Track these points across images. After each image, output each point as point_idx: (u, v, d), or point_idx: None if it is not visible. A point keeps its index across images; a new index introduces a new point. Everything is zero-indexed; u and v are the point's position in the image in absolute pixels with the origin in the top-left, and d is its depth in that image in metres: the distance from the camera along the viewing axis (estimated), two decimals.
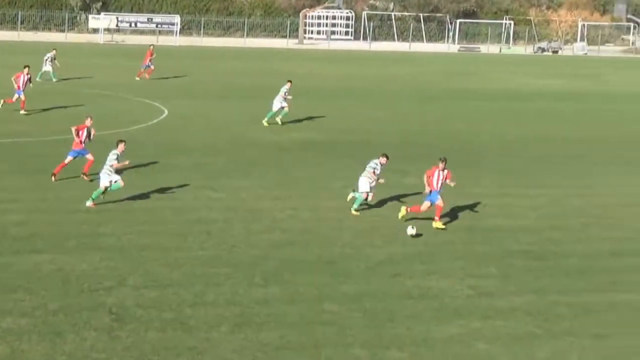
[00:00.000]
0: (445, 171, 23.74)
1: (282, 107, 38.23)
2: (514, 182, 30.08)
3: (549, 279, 20.33)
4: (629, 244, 23.23)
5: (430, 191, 23.66)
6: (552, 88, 59.00)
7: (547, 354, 16.37)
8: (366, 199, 24.78)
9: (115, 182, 24.16)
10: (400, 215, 23.93)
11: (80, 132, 26.75)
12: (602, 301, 18.98)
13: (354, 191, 24.95)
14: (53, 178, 26.47)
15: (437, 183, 23.69)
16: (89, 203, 24.25)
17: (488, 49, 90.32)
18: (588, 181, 30.77)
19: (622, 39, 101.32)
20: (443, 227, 23.66)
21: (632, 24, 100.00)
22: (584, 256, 22.12)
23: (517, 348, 16.58)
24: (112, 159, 24.26)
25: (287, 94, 38.18)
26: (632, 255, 22.23)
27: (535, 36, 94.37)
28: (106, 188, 24.30)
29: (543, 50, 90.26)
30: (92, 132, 27.09)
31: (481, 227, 24.41)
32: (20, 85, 38.28)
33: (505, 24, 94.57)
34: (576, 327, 17.57)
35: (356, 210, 24.75)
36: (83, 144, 26.80)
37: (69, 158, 26.81)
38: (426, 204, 23.74)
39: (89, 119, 27.30)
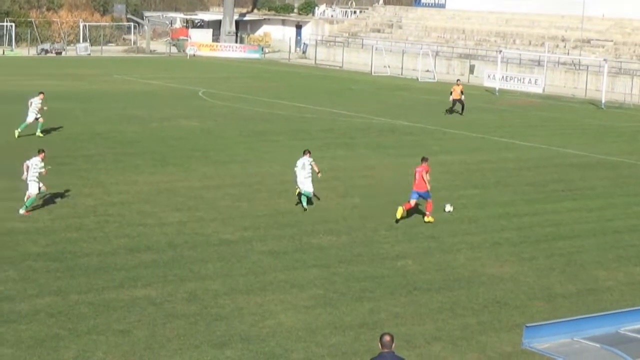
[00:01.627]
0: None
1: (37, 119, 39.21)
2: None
3: (69, 279, 20.50)
4: (144, 240, 24.00)
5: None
6: (58, 89, 58.80)
7: (74, 353, 16.54)
8: None
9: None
10: (398, 215, 26.78)
11: None
12: (122, 297, 19.51)
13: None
14: None
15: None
16: (22, 211, 25.73)
17: None
18: (98, 179, 31.16)
19: (124, 38, 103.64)
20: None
21: (132, 24, 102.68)
22: (102, 254, 22.56)
23: (41, 350, 16.56)
24: (40, 166, 26.31)
25: (38, 105, 39.19)
26: (147, 251, 23.00)
27: (38, 38, 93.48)
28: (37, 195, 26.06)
29: (47, 51, 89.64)
30: None
31: None
32: None
33: (7, 26, 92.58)
34: (100, 324, 17.92)
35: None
36: None
37: None
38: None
39: None
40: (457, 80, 57.61)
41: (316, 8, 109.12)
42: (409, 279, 21.76)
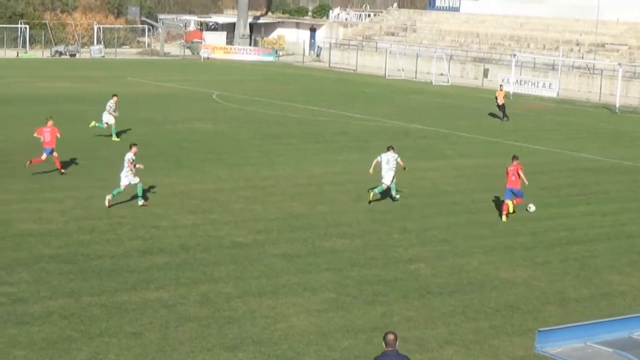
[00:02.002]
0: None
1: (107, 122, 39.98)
2: (41, 187, 29.83)
3: (81, 282, 20.54)
4: (157, 242, 24.04)
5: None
6: (72, 91, 59.00)
7: (86, 355, 16.58)
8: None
9: (136, 184, 27.67)
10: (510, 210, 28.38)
11: None
12: (135, 300, 19.53)
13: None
14: None
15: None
16: (108, 197, 27.35)
17: (5, 53, 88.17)
18: (112, 181, 31.20)
19: (138, 41, 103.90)
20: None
21: (146, 26, 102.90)
22: (115, 256, 22.59)
23: (53, 352, 16.60)
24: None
25: (112, 107, 40.08)
26: (159, 254, 23.04)
27: (53, 40, 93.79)
28: (125, 187, 27.67)
29: (61, 53, 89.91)
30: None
31: (11, 233, 24.02)
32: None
33: (21, 28, 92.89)
34: (112, 327, 17.95)
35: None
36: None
37: None
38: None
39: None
40: (500, 85, 57.86)
41: (330, 11, 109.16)
42: (421, 283, 21.72)
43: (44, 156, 31.87)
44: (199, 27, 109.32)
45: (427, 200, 30.68)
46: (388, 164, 29.55)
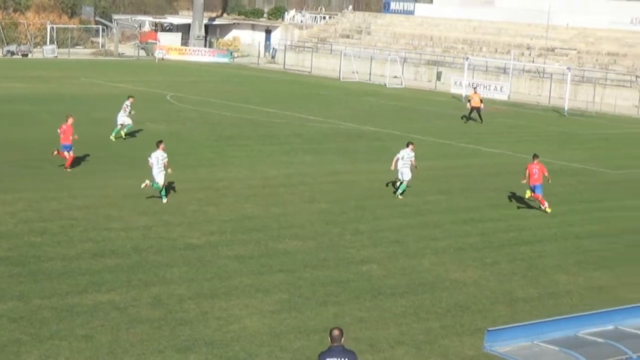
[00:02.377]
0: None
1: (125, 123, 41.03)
2: None
3: (31, 284, 20.44)
4: (109, 244, 23.99)
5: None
6: (24, 91, 58.54)
7: (36, 358, 16.54)
8: None
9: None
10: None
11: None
12: (86, 302, 19.50)
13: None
14: None
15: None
16: (165, 200, 28.98)
17: None
18: (64, 183, 31.10)
19: (92, 41, 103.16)
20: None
21: (100, 27, 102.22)
22: (66, 259, 22.51)
23: (2, 356, 16.53)
24: (164, 157, 28.89)
25: (129, 108, 41.16)
26: (111, 256, 23.00)
27: (4, 39, 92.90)
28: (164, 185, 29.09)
29: (13, 53, 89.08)
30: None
31: None
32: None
33: None
34: (62, 329, 17.90)
35: None
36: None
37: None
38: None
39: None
40: (474, 88, 59.69)
41: (286, 13, 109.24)
42: (373, 284, 21.92)
43: (66, 153, 33.44)
44: (154, 27, 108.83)
45: (380, 202, 30.91)
46: (403, 159, 31.16)
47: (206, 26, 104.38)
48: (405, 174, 31.37)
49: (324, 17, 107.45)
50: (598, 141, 49.72)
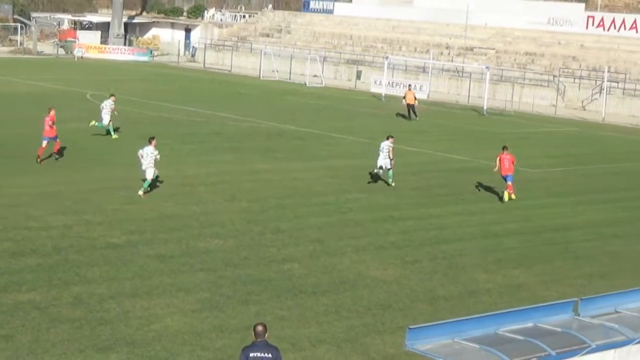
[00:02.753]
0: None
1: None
2: None
3: None
4: (29, 243, 23.68)
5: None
6: None
7: None
8: None
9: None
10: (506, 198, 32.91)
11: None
12: (6, 302, 19.25)
13: None
14: None
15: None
16: (140, 192, 29.72)
17: None
18: None
19: (10, 39, 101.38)
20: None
21: (19, 25, 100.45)
22: None
23: None
24: (155, 153, 30.44)
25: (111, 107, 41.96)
26: (32, 255, 22.71)
27: None
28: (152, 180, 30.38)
29: None
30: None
31: None
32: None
33: None
34: None
35: None
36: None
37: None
38: None
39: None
40: (409, 85, 61.79)
41: (205, 12, 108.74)
42: (294, 282, 22.01)
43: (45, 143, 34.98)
44: (73, 26, 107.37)
45: (301, 201, 31.03)
46: (382, 151, 33.87)
47: (126, 24, 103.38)
48: (380, 161, 33.81)
49: (244, 16, 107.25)
50: (517, 140, 50.44)
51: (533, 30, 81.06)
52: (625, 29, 77.05)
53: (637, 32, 76.26)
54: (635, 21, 77.04)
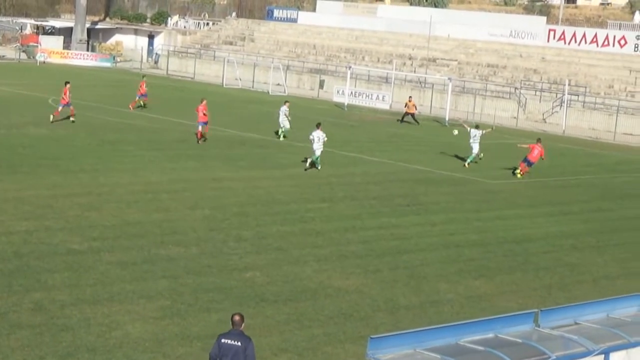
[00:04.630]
0: None
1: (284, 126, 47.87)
2: None
3: None
4: None
5: None
6: None
7: None
8: None
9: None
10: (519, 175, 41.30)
11: None
12: None
13: None
14: None
15: None
16: (319, 167, 39.18)
17: None
18: None
19: None
20: None
21: None
22: None
23: None
24: (324, 136, 39.16)
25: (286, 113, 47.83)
26: None
27: None
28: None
29: None
30: None
31: None
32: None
33: None
34: None
35: None
36: None
37: None
38: None
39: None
40: (410, 97, 65.81)
41: (169, 18, 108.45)
42: (256, 291, 22.02)
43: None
44: (36, 30, 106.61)
45: (263, 209, 31.05)
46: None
47: (88, 30, 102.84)
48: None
49: (207, 24, 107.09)
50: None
51: (495, 43, 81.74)
52: (585, 42, 77.92)
53: (597, 45, 77.14)
54: (595, 35, 77.93)
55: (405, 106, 63.78)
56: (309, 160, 39.39)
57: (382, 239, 28.32)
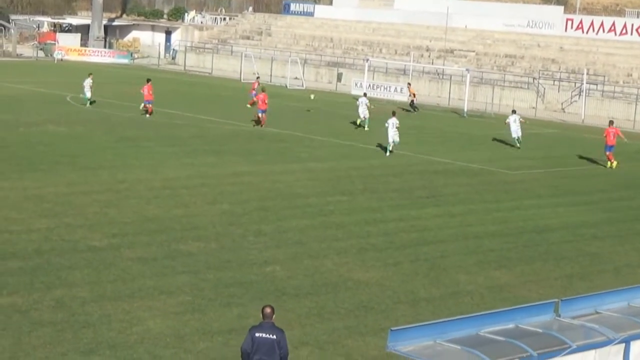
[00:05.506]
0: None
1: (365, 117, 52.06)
2: None
3: None
4: (10, 246, 23.59)
5: None
6: None
7: None
8: None
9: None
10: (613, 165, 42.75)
11: None
12: None
13: None
14: None
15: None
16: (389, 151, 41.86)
17: None
18: None
19: None
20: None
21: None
22: None
23: None
24: (396, 123, 42.83)
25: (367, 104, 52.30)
26: (13, 258, 22.62)
27: None
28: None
29: None
30: None
31: None
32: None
33: None
34: None
35: None
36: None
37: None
38: None
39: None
40: (408, 83, 68.31)
41: (186, 14, 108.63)
42: (277, 285, 22.04)
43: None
44: (53, 28, 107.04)
45: (282, 203, 31.07)
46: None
47: (105, 27, 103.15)
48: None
49: (224, 19, 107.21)
50: (496, 142, 50.73)
51: (512, 33, 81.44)
52: (603, 31, 77.52)
53: (615, 34, 76.73)
54: (613, 24, 77.52)
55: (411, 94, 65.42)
56: (389, 146, 42.84)
57: (402, 231, 28.28)
